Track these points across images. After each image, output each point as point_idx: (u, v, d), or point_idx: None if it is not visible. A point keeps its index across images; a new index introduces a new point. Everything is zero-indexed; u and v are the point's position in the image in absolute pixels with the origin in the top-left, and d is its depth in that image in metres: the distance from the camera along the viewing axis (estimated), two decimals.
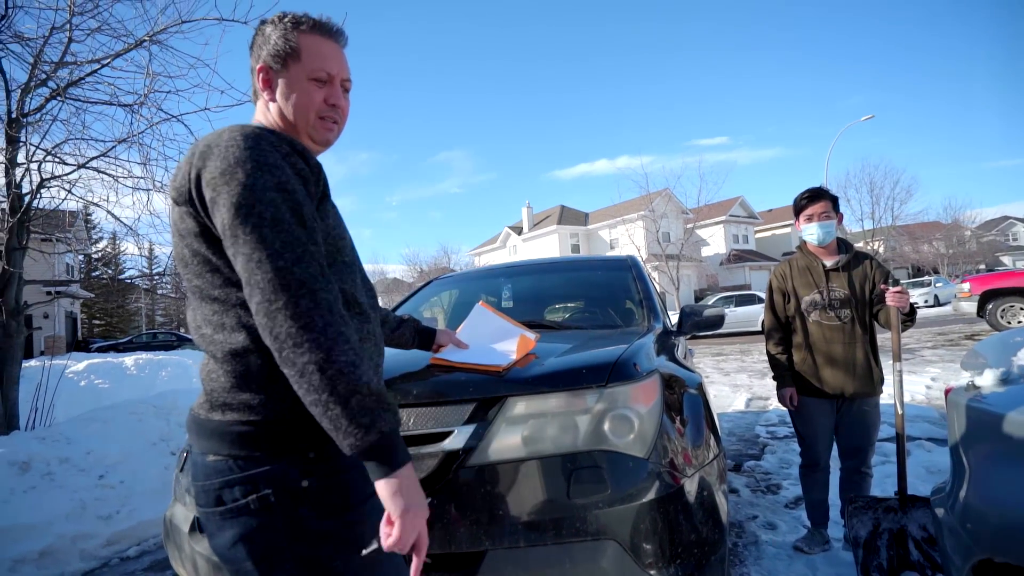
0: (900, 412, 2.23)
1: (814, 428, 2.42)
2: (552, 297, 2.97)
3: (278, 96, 1.01)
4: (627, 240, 29.51)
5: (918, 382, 6.20)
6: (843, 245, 2.44)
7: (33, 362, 6.77)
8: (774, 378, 2.52)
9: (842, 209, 2.50)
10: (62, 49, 4.46)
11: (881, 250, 32.17)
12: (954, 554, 1.26)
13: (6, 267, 4.54)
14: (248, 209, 0.81)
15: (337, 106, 1.03)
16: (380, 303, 1.49)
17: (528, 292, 3.00)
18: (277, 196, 0.83)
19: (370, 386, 0.79)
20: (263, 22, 1.04)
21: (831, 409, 2.39)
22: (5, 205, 4.59)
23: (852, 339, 2.31)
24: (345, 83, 1.05)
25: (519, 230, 39.05)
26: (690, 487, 1.41)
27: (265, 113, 1.04)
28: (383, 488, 0.79)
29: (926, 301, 22.39)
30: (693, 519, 1.37)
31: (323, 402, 0.77)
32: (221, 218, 0.82)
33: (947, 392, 1.44)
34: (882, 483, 2.96)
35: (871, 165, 43.69)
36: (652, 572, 1.25)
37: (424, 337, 1.50)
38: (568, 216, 37.17)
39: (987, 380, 1.29)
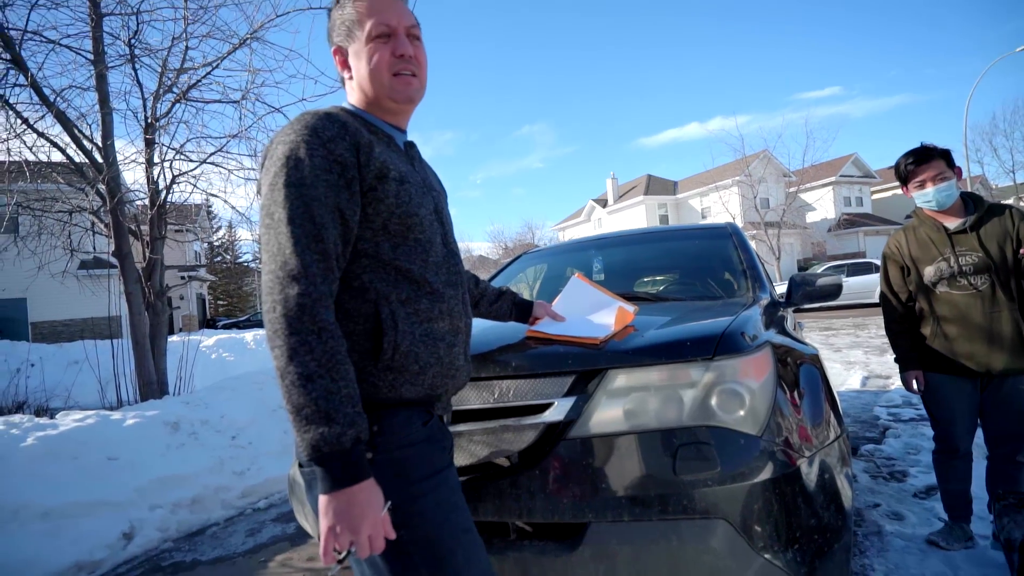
0: None
1: (950, 410, 2.13)
2: (647, 269, 2.85)
3: (354, 72, 1.02)
4: (721, 208, 27.82)
5: None
6: (970, 202, 2.07)
7: (175, 338, 7.77)
8: (896, 360, 2.25)
9: (987, 160, 2.17)
10: (181, 56, 4.94)
11: None
12: None
13: (151, 255, 5.20)
14: (266, 210, 0.88)
15: (406, 55, 0.99)
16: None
17: (621, 264, 2.90)
18: (293, 193, 0.86)
19: (318, 403, 0.78)
20: (330, 9, 1.04)
21: (972, 388, 2.07)
22: (147, 200, 5.24)
23: (995, 307, 1.97)
24: (411, 30, 1.01)
25: (604, 203, 38.09)
26: (808, 468, 1.30)
27: (351, 93, 1.05)
28: (320, 501, 0.81)
29: None
30: (812, 503, 1.27)
31: (285, 406, 0.82)
32: None
33: None
34: None
35: None
36: (767, 556, 1.18)
37: (521, 310, 1.50)
38: (655, 185, 35.60)
39: None
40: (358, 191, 0.92)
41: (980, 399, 2.09)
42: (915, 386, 2.20)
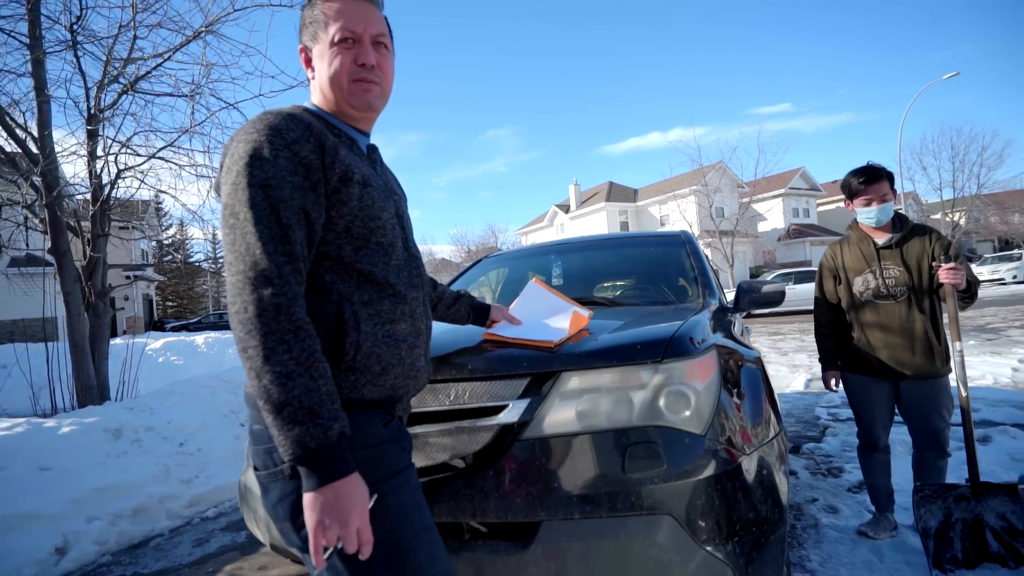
0: (964, 394, 2.12)
1: (869, 408, 2.35)
2: (603, 274, 2.93)
3: (316, 73, 1.01)
4: (678, 216, 28.63)
5: (1003, 364, 5.76)
6: (898, 221, 2.31)
7: (118, 340, 7.37)
8: (820, 360, 2.48)
9: (918, 177, 2.41)
10: (129, 46, 4.72)
11: (963, 222, 29.73)
12: None
13: (92, 253, 4.93)
14: (229, 209, 0.86)
15: (367, 64, 0.99)
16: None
17: (579, 269, 2.97)
18: (259, 193, 0.85)
19: (302, 400, 0.78)
20: (304, 6, 1.04)
21: (888, 389, 2.30)
22: (88, 196, 4.96)
23: (909, 318, 2.21)
24: (378, 38, 1.01)
25: (566, 208, 38.56)
26: (748, 465, 1.37)
27: (314, 93, 1.05)
28: (305, 499, 0.81)
29: (1015, 276, 20.66)
30: (751, 497, 1.34)
31: (262, 406, 0.80)
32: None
33: None
34: (957, 469, 2.79)
35: (952, 128, 39.32)
36: (708, 548, 1.24)
37: (479, 313, 1.52)
38: (616, 193, 36.32)
39: None
40: (323, 193, 0.92)
41: (898, 400, 2.31)
42: (832, 384, 2.44)
